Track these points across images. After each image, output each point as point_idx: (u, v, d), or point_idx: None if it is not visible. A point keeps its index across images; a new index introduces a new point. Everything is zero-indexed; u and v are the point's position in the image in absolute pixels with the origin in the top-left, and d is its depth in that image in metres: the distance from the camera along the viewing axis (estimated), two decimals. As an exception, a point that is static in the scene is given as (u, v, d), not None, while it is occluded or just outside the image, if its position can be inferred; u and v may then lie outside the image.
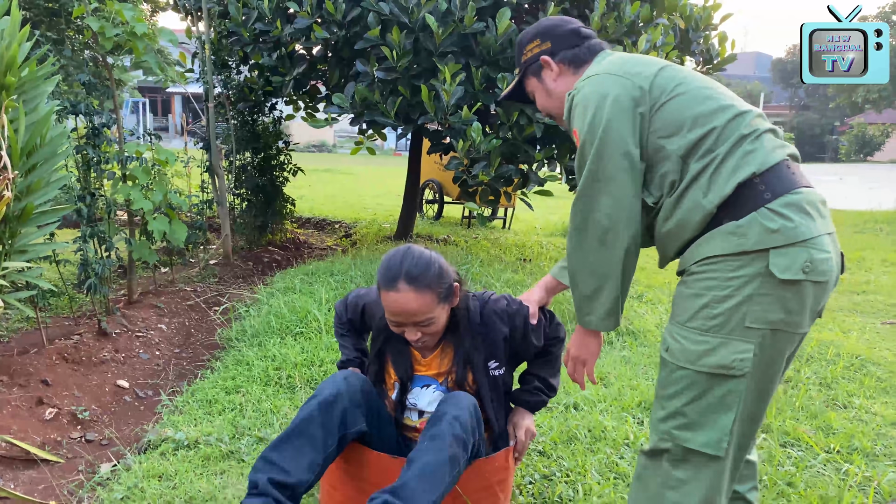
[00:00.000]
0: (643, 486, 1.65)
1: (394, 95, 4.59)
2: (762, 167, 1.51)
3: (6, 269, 3.02)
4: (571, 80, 1.79)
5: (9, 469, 2.57)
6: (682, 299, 1.57)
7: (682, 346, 1.53)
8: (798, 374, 3.50)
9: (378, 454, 1.85)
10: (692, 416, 1.53)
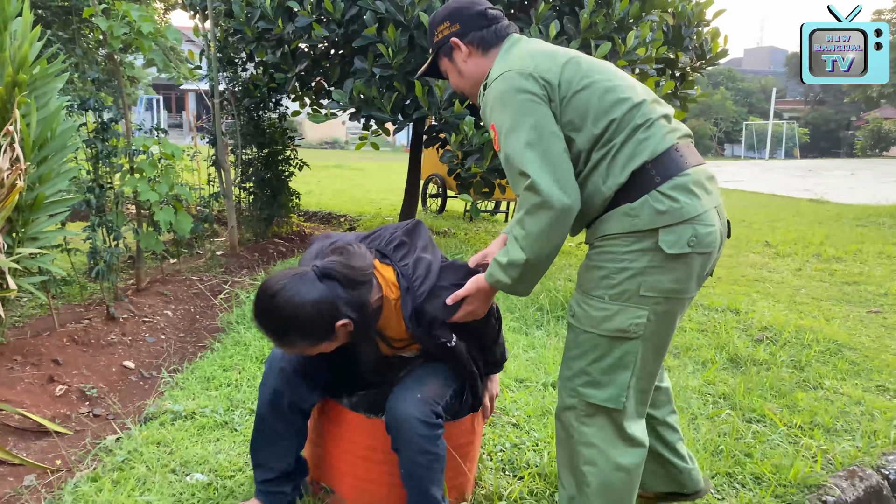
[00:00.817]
0: (562, 448, 1.86)
1: (390, 91, 4.76)
2: (653, 154, 1.69)
3: (19, 254, 3.22)
4: (481, 61, 1.88)
5: (22, 439, 2.77)
6: (585, 270, 1.78)
7: (585, 312, 1.74)
8: (773, 357, 3.64)
9: (353, 415, 2.02)
10: (595, 374, 1.74)
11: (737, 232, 8.82)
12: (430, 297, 1.84)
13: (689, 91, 6.19)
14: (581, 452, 1.77)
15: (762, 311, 4.54)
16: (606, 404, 1.73)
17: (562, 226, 1.65)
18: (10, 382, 3.12)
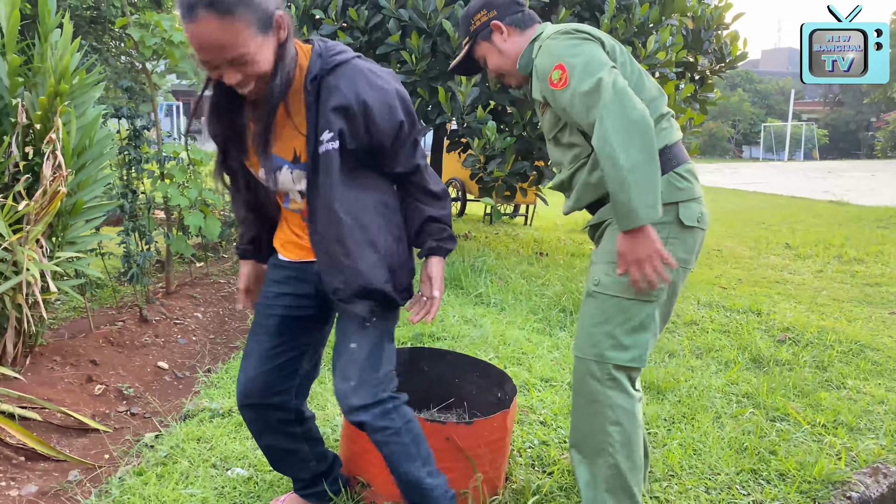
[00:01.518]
0: (584, 417, 1.96)
1: (413, 97, 4.84)
2: (671, 141, 1.89)
3: (59, 258, 3.33)
4: (519, 39, 2.06)
5: (65, 436, 2.87)
6: (610, 242, 1.90)
7: (613, 279, 1.87)
8: (795, 358, 3.68)
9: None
10: (621, 337, 1.87)
11: (756, 234, 8.82)
12: (340, 71, 1.64)
13: (708, 94, 6.23)
14: (607, 415, 1.89)
15: (784, 313, 4.57)
16: (632, 364, 1.89)
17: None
18: (52, 382, 3.23)
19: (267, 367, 1.87)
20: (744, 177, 21.18)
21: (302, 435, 2.02)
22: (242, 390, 1.89)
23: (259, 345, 1.88)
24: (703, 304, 4.77)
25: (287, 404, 1.94)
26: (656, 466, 2.46)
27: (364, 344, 1.79)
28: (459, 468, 2.09)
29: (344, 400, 1.77)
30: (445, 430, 2.07)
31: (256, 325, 1.91)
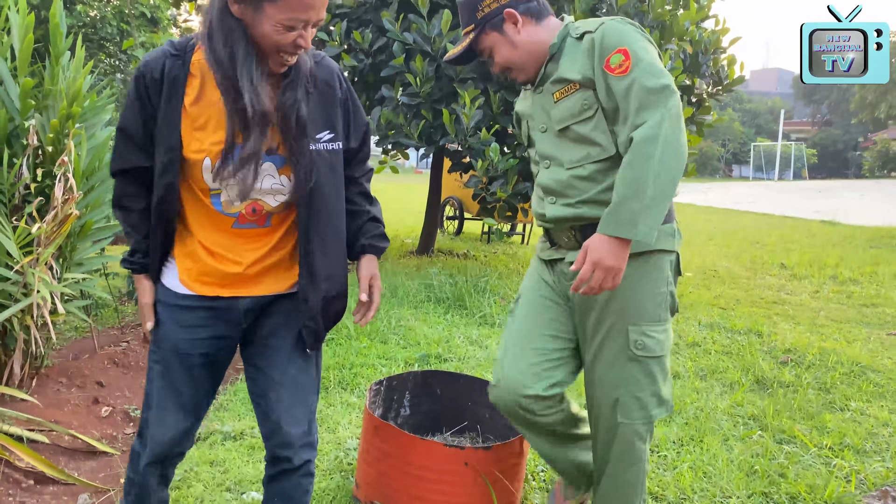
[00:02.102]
0: (629, 473, 1.90)
1: (417, 119, 4.89)
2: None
3: (67, 280, 3.34)
4: (536, 29, 1.85)
5: (72, 459, 2.86)
6: (637, 296, 1.79)
7: (657, 339, 1.81)
8: (798, 379, 3.71)
9: (407, 436, 2.10)
10: (663, 391, 1.84)
11: (752, 253, 8.89)
12: (324, 64, 1.63)
13: (705, 116, 6.31)
14: (643, 468, 1.90)
15: (784, 334, 4.61)
16: (668, 412, 1.87)
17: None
18: (59, 404, 3.22)
19: (191, 419, 1.68)
20: (735, 196, 21.36)
21: (169, 478, 1.82)
22: (164, 448, 1.67)
23: (179, 396, 1.65)
24: (705, 324, 4.81)
25: (186, 449, 1.76)
26: (668, 490, 2.48)
27: (307, 378, 1.72)
28: (476, 493, 2.10)
29: (297, 448, 1.69)
30: (464, 456, 2.08)
31: (170, 376, 1.64)
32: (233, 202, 1.57)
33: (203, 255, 1.60)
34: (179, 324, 1.62)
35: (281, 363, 1.69)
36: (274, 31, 1.44)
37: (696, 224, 13.09)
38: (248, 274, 1.62)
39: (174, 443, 1.67)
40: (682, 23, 5.40)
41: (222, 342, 1.66)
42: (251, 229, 1.61)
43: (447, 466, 2.09)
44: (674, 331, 4.58)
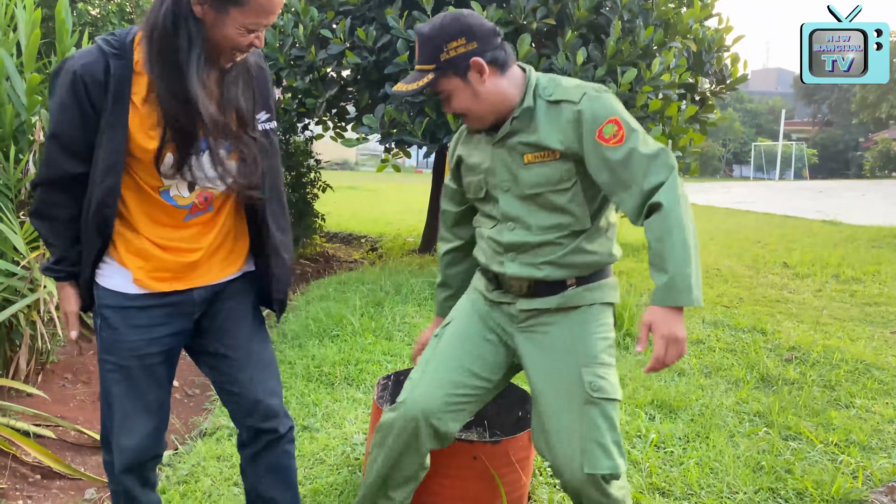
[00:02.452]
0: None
1: (421, 116, 4.89)
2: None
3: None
4: (499, 81, 1.76)
5: (79, 454, 2.86)
6: (590, 339, 1.78)
7: (609, 381, 1.75)
8: (803, 377, 3.71)
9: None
10: (621, 441, 1.74)
11: (754, 253, 8.88)
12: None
13: (708, 115, 6.31)
14: (622, 497, 1.78)
15: (788, 332, 4.61)
16: (625, 468, 1.78)
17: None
18: (64, 399, 3.23)
19: (157, 420, 1.67)
20: (736, 196, 21.34)
21: (153, 482, 1.82)
22: (136, 455, 1.66)
23: (143, 401, 1.64)
24: (709, 322, 4.81)
25: (161, 451, 1.75)
26: (675, 485, 2.48)
27: (268, 352, 1.79)
28: (484, 487, 2.10)
29: (281, 417, 1.77)
30: (473, 450, 2.08)
31: (130, 381, 1.63)
32: (183, 194, 1.59)
33: (155, 251, 1.60)
34: (134, 325, 1.61)
35: (244, 343, 1.73)
36: (237, 33, 1.47)
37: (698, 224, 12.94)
38: (203, 261, 1.65)
39: (145, 448, 1.67)
40: (686, 21, 5.40)
41: (179, 337, 1.69)
42: (202, 216, 1.64)
43: (455, 460, 2.08)
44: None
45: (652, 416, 3.14)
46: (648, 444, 2.78)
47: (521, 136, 1.77)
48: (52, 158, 1.55)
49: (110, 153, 1.51)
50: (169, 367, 1.70)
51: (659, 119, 5.27)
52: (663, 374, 3.71)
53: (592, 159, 1.70)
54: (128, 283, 1.60)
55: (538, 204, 1.78)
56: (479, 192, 1.88)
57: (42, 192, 1.60)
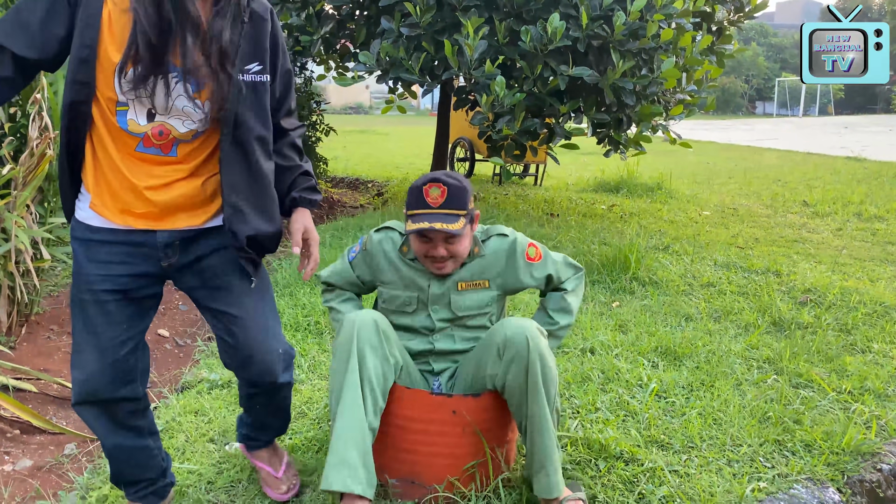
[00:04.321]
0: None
1: (418, 51, 4.64)
2: None
3: (52, 224, 3.21)
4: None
5: (61, 408, 2.78)
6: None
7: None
8: (818, 321, 3.53)
9: (410, 390, 1.96)
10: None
11: (773, 191, 8.61)
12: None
13: (725, 46, 5.98)
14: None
15: (804, 273, 4.41)
16: None
17: None
18: (48, 352, 3.14)
19: (109, 359, 1.60)
20: (758, 133, 20.80)
21: (147, 429, 1.79)
22: (86, 389, 1.61)
23: (95, 337, 1.58)
24: (721, 264, 4.62)
25: (136, 393, 1.69)
26: (675, 437, 2.34)
27: (262, 306, 1.73)
28: (466, 443, 1.97)
29: (279, 373, 1.77)
30: (452, 404, 1.95)
31: (85, 315, 1.59)
32: (140, 122, 1.48)
33: (113, 179, 1.53)
34: (92, 259, 1.56)
35: (236, 299, 1.66)
36: None
37: (717, 162, 12.75)
38: (164, 204, 1.54)
39: (96, 385, 1.60)
40: (702, -57, 5.05)
41: (141, 280, 1.60)
42: (155, 156, 1.52)
43: (434, 415, 1.95)
44: (688, 271, 4.41)
45: (655, 364, 2.99)
46: (649, 393, 2.64)
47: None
48: (5, 25, 1.44)
49: (80, 46, 1.42)
50: (131, 310, 1.62)
51: (672, 50, 4.97)
52: (669, 319, 3.55)
53: (524, 278, 2.14)
54: (91, 213, 1.55)
55: (466, 327, 2.14)
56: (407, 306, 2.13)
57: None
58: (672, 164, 11.62)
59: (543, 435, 1.86)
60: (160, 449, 1.86)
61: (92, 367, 1.59)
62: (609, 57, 4.59)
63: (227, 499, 1.98)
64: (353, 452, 1.74)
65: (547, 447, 1.86)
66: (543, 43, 4.38)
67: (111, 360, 1.60)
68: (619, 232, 5.48)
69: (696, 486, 2.06)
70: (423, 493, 1.97)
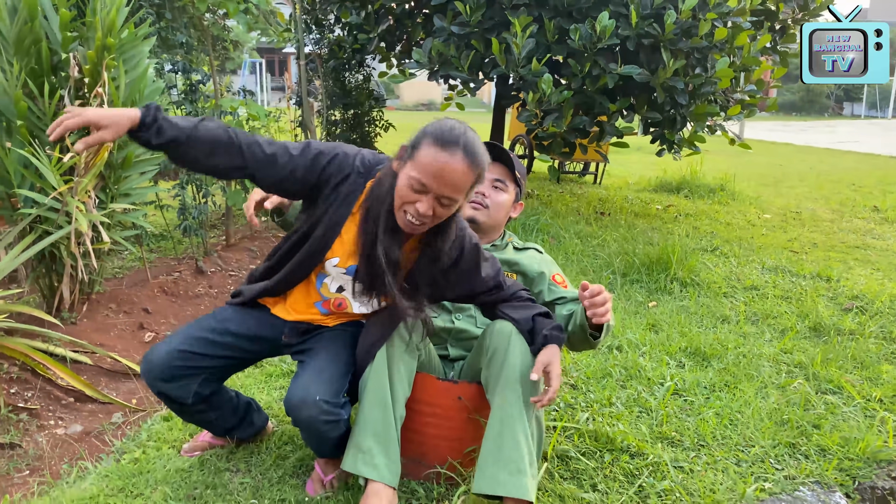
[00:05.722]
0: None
1: (468, 49, 4.72)
2: None
3: (112, 209, 3.44)
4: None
5: (112, 380, 3.00)
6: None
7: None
8: (861, 328, 3.44)
9: (420, 374, 2.05)
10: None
11: (844, 196, 8.30)
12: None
13: (790, 45, 5.82)
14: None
15: (857, 279, 4.28)
16: None
17: None
18: (105, 328, 3.37)
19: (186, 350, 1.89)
20: (840, 135, 19.93)
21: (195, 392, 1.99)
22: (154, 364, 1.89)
23: (197, 334, 1.91)
24: (769, 268, 4.53)
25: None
26: (686, 435, 2.36)
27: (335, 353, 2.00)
28: (470, 427, 2.05)
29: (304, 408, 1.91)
30: (457, 390, 2.03)
31: (203, 328, 1.93)
32: (331, 288, 1.91)
33: (291, 302, 1.96)
34: (235, 331, 1.95)
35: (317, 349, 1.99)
36: (406, 185, 1.64)
37: (790, 164, 12.31)
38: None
39: (169, 361, 1.87)
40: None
41: (254, 344, 1.98)
42: (323, 315, 1.95)
43: (440, 400, 2.04)
44: (732, 273, 4.34)
45: (681, 364, 2.99)
46: (665, 390, 2.65)
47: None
48: (256, 149, 1.73)
49: (321, 241, 1.80)
50: (228, 363, 1.99)
51: (727, 49, 4.89)
52: (705, 321, 3.52)
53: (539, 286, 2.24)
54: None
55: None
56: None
57: (210, 131, 1.70)
58: (740, 165, 11.32)
59: (503, 427, 1.84)
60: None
61: (175, 343, 1.93)
62: (660, 55, 4.55)
63: (245, 467, 2.11)
64: (370, 439, 1.85)
65: (501, 442, 1.82)
66: (593, 41, 4.39)
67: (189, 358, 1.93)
68: (668, 232, 5.42)
69: (698, 483, 2.08)
70: (428, 471, 2.07)
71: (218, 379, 2.01)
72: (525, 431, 1.83)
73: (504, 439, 1.81)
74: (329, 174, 1.77)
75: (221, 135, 1.70)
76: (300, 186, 1.78)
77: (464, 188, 1.66)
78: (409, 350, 1.93)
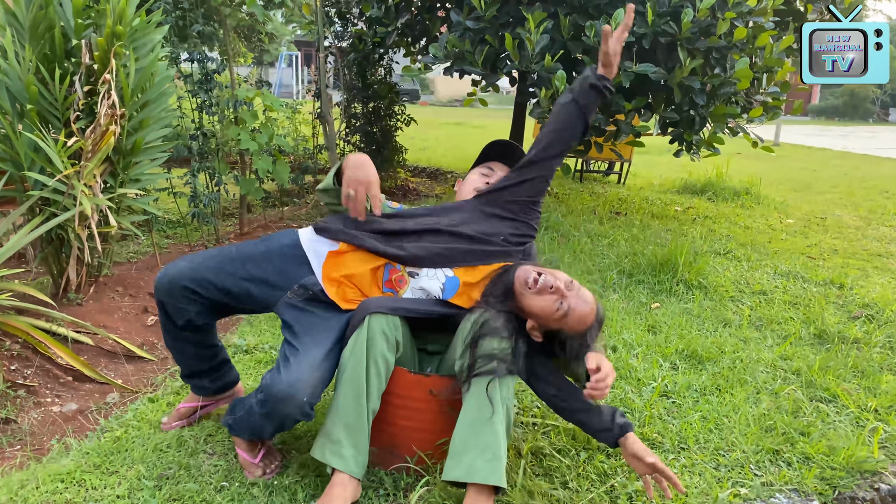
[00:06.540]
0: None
1: (481, 45, 4.71)
2: None
3: (122, 194, 3.51)
4: None
5: (112, 362, 3.06)
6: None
7: None
8: (867, 336, 3.36)
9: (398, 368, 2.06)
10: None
11: (874, 203, 8.10)
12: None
13: (816, 46, 5.68)
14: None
15: (871, 287, 4.18)
16: None
17: None
18: (110, 310, 3.44)
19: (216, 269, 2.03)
20: (882, 141, 19.45)
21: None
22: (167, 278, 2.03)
23: (214, 265, 2.04)
24: (780, 273, 4.44)
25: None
26: (667, 438, 2.33)
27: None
28: (443, 420, 2.04)
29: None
30: (429, 383, 2.03)
31: (224, 258, 2.06)
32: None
33: (354, 291, 2.06)
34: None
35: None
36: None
37: (823, 169, 12.05)
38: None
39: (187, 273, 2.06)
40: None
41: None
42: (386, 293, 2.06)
43: (413, 393, 2.05)
44: (742, 277, 4.27)
45: (675, 366, 2.95)
46: (652, 392, 2.62)
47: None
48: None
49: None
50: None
51: (748, 49, 4.80)
52: (707, 324, 3.47)
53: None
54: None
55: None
56: None
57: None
58: (771, 169, 11.11)
59: (480, 413, 1.85)
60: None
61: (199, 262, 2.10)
62: (677, 54, 4.49)
63: (221, 450, 2.14)
64: (341, 430, 1.87)
65: (479, 429, 1.83)
66: (608, 39, 4.33)
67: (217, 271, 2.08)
68: (682, 234, 5.34)
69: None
70: (400, 462, 2.07)
71: (213, 314, 2.12)
72: (501, 419, 1.83)
73: (481, 426, 1.81)
74: None
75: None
76: None
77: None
78: (389, 346, 1.94)
